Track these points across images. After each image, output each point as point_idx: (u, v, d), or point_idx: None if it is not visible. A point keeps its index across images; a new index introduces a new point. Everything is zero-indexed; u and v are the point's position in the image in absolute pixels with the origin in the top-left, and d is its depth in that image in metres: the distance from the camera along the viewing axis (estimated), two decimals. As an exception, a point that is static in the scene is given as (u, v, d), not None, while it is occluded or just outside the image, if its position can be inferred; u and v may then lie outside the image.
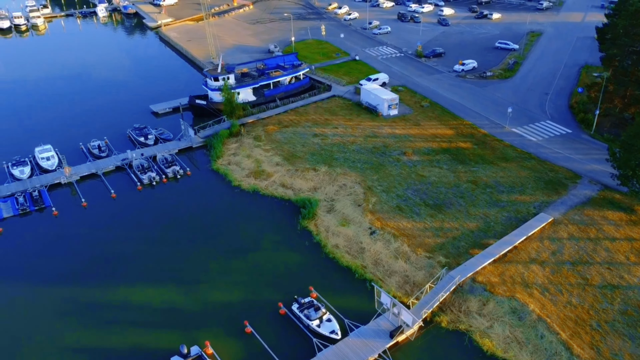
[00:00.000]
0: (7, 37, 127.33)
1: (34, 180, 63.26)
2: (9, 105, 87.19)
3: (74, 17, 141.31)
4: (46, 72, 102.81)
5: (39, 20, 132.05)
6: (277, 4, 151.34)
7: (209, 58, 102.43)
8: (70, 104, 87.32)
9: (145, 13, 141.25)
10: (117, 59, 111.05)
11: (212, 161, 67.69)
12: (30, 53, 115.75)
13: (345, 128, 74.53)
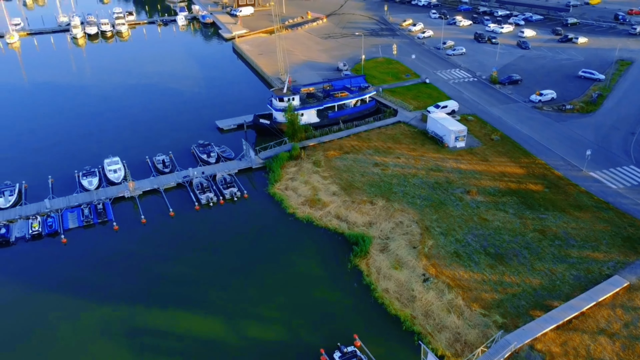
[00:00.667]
0: (94, 42, 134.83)
1: (100, 193, 65.76)
2: (86, 112, 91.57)
3: (156, 24, 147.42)
4: (123, 79, 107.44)
5: (123, 27, 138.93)
6: (350, 17, 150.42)
7: (277, 74, 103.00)
8: (142, 114, 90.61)
9: (222, 23, 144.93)
10: (190, 69, 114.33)
11: (270, 185, 67.49)
12: (111, 59, 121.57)
13: (407, 158, 72.03)
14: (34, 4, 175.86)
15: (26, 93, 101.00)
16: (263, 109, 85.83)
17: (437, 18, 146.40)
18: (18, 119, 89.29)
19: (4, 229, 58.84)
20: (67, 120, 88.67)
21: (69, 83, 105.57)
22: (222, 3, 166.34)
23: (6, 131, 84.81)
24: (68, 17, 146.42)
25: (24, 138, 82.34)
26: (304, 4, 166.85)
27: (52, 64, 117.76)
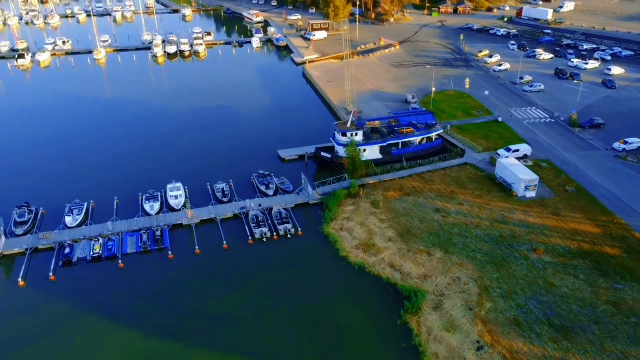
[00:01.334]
0: (172, 61, 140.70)
1: (159, 218, 67.30)
2: (157, 132, 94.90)
3: (231, 45, 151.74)
4: (195, 99, 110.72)
5: (200, 47, 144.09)
6: (424, 45, 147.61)
7: (344, 103, 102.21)
8: (208, 136, 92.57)
9: (294, 47, 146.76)
10: (258, 92, 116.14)
11: (325, 223, 66.19)
12: (186, 79, 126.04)
13: (471, 205, 68.41)
14: (122, 20, 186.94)
15: (106, 108, 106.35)
16: (326, 139, 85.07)
17: (516, 49, 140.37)
18: (96, 134, 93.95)
19: (68, 248, 61.40)
20: (139, 138, 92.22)
21: (144, 101, 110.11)
22: (297, 26, 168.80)
23: (83, 145, 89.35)
24: (151, 35, 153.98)
25: (99, 154, 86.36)
26: (378, 29, 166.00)
27: (132, 80, 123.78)
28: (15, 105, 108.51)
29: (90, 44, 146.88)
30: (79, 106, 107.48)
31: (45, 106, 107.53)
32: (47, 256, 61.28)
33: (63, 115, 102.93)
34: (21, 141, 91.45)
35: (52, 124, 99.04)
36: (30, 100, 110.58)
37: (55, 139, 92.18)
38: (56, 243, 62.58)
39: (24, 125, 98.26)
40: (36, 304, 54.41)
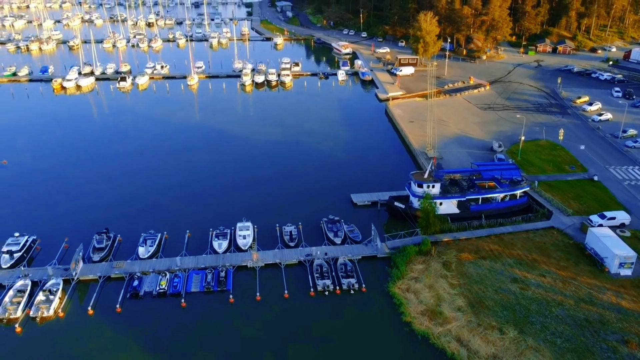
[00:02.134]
0: (260, 90, 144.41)
1: (226, 258, 67.64)
2: (234, 164, 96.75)
3: (317, 77, 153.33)
4: (274, 131, 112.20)
5: (287, 78, 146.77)
6: (517, 87, 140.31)
7: (424, 148, 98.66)
8: (282, 173, 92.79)
9: (380, 82, 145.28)
10: (337, 128, 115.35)
11: (391, 281, 63.09)
12: (270, 109, 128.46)
13: (554, 279, 62.31)
14: (218, 46, 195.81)
15: (190, 135, 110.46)
16: (403, 185, 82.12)
17: (621, 98, 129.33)
18: (178, 160, 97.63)
19: (137, 281, 63.19)
20: (218, 169, 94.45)
21: (227, 130, 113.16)
22: (385, 60, 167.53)
23: (164, 172, 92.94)
24: (242, 63, 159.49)
25: (180, 182, 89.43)
26: (469, 66, 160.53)
27: (218, 108, 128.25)
28: (109, 127, 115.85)
29: (185, 69, 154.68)
30: (165, 131, 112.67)
31: (135, 130, 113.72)
32: (117, 286, 63.38)
33: (150, 140, 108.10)
34: (109, 163, 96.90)
35: (137, 147, 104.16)
36: (122, 124, 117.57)
37: (139, 164, 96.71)
38: (127, 274, 64.70)
39: (113, 147, 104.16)
40: (101, 335, 56.09)
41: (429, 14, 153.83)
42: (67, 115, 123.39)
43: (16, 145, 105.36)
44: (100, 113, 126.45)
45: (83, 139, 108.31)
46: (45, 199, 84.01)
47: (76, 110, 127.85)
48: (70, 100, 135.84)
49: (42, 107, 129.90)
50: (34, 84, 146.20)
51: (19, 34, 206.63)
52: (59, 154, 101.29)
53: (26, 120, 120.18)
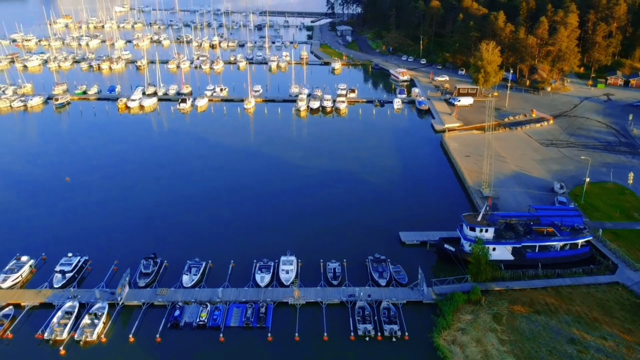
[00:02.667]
0: (314, 116, 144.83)
1: (267, 293, 66.85)
2: (281, 192, 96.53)
3: (373, 104, 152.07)
4: (324, 160, 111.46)
5: (342, 105, 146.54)
6: (583, 122, 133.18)
7: (479, 185, 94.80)
8: (329, 204, 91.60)
9: (437, 112, 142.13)
10: (390, 159, 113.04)
11: (436, 331, 59.98)
12: (322, 135, 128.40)
13: (617, 343, 57.17)
14: (277, 70, 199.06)
15: (241, 160, 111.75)
16: (454, 224, 78.85)
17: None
18: (228, 185, 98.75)
19: (178, 310, 63.45)
20: (266, 196, 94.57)
21: (278, 156, 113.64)
22: (443, 89, 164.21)
23: (215, 196, 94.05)
24: (299, 88, 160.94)
25: (228, 208, 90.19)
26: (531, 98, 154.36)
27: (272, 133, 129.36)
28: (166, 149, 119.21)
29: (243, 92, 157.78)
30: (218, 155, 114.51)
31: (190, 153, 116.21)
32: (159, 313, 63.92)
33: (203, 164, 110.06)
34: (163, 185, 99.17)
35: (192, 171, 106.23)
36: (179, 146, 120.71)
37: (192, 187, 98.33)
38: (169, 302, 65.15)
39: (168, 169, 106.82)
40: (139, 365, 56.53)
41: (491, 43, 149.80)
42: (128, 135, 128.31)
43: (80, 163, 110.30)
44: (159, 133, 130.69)
45: (141, 160, 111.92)
46: (100, 219, 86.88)
47: (137, 129, 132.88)
48: (132, 119, 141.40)
49: (107, 125, 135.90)
50: (101, 102, 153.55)
51: (93, 53, 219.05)
52: (118, 173, 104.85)
53: (91, 138, 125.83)
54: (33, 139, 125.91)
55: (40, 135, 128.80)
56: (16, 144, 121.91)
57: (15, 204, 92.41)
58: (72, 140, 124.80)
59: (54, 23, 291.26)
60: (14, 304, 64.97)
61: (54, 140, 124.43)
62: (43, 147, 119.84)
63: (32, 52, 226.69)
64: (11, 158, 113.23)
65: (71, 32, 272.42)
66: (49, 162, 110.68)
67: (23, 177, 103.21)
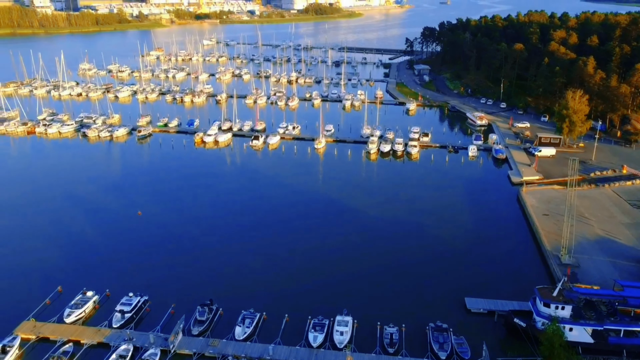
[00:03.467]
0: (384, 159, 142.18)
1: (319, 355, 64.13)
2: (343, 244, 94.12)
3: (446, 150, 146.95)
4: (390, 209, 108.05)
5: (413, 149, 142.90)
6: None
7: (557, 250, 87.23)
8: (390, 260, 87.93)
9: (515, 162, 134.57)
10: (460, 212, 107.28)
11: (499, 421, 54.37)
12: (390, 182, 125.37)
13: None
14: (351, 108, 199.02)
15: (304, 204, 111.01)
16: (527, 294, 72.56)
17: None
18: (289, 230, 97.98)
19: (230, 365, 62.34)
20: (327, 247, 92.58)
21: (344, 203, 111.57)
22: (523, 136, 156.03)
23: (277, 243, 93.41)
24: (370, 129, 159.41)
25: (288, 256, 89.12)
26: (622, 152, 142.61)
27: (340, 176, 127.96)
28: (234, 186, 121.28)
29: (315, 131, 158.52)
30: (284, 197, 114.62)
31: (256, 193, 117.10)
32: (209, 366, 63.11)
33: (269, 205, 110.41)
34: (228, 228, 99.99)
35: (255, 211, 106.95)
36: (248, 184, 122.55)
37: (257, 232, 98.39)
38: (220, 355, 64.15)
39: (232, 209, 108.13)
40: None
41: (579, 91, 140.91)
42: (201, 170, 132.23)
43: (153, 195, 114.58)
44: (230, 170, 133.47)
45: (211, 197, 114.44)
46: (164, 256, 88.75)
47: (211, 164, 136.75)
48: (207, 154, 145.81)
49: (183, 159, 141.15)
50: (180, 135, 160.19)
51: (178, 85, 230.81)
52: (187, 209, 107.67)
53: (167, 171, 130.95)
54: (114, 169, 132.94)
55: (121, 166, 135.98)
56: (97, 173, 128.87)
57: (87, 234, 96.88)
58: (149, 171, 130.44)
59: (147, 55, 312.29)
60: (74, 341, 66.79)
61: (132, 172, 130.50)
62: (121, 178, 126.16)
63: (124, 82, 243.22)
64: (91, 187, 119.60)
65: (161, 64, 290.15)
66: (125, 194, 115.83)
67: (99, 207, 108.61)
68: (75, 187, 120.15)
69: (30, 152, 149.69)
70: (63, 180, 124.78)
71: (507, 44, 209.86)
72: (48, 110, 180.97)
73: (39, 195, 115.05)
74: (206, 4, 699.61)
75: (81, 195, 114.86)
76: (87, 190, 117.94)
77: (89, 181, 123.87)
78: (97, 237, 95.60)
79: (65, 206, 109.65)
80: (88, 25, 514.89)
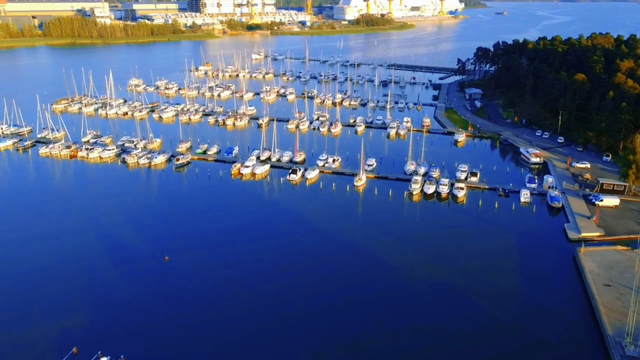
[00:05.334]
0: (428, 201, 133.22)
1: None
2: (375, 310, 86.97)
3: (497, 193, 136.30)
4: (427, 263, 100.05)
5: (460, 192, 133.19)
6: None
7: (622, 336, 76.41)
8: (422, 329, 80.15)
9: (572, 213, 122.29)
10: (504, 274, 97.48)
11: None
12: (432, 231, 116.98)
13: None
14: (395, 137, 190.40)
15: (345, 256, 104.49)
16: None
17: None
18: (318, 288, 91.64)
19: None
20: (354, 304, 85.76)
21: (379, 256, 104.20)
22: (582, 179, 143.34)
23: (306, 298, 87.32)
24: (415, 165, 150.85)
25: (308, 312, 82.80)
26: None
27: (380, 221, 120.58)
28: (268, 226, 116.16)
29: (356, 165, 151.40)
30: (318, 244, 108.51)
31: (289, 238, 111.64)
32: None
33: (298, 252, 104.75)
34: (256, 286, 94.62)
35: (283, 256, 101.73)
36: (282, 225, 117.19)
37: (281, 280, 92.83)
38: None
39: (259, 255, 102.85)
40: None
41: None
42: (235, 207, 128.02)
43: (183, 237, 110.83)
44: (265, 207, 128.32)
45: (240, 243, 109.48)
46: (189, 318, 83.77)
47: (245, 201, 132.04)
48: (243, 187, 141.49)
49: (218, 191, 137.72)
50: (218, 164, 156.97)
51: (221, 106, 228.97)
52: (218, 256, 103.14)
53: (200, 206, 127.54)
54: (147, 202, 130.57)
55: (155, 199, 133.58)
56: (129, 206, 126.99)
57: (109, 283, 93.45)
58: (181, 207, 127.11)
59: (195, 71, 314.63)
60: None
61: (165, 207, 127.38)
62: (152, 213, 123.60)
63: (170, 100, 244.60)
64: (120, 221, 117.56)
65: (208, 81, 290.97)
66: (155, 231, 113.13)
67: (125, 246, 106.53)
68: (105, 219, 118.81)
69: (70, 177, 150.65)
70: (93, 211, 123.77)
71: (568, 72, 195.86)
72: (92, 132, 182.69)
73: (66, 225, 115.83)
74: (258, 14, 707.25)
75: (109, 231, 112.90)
76: (116, 225, 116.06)
77: (120, 213, 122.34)
78: (119, 287, 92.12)
79: (89, 242, 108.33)
80: (143, 36, 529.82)
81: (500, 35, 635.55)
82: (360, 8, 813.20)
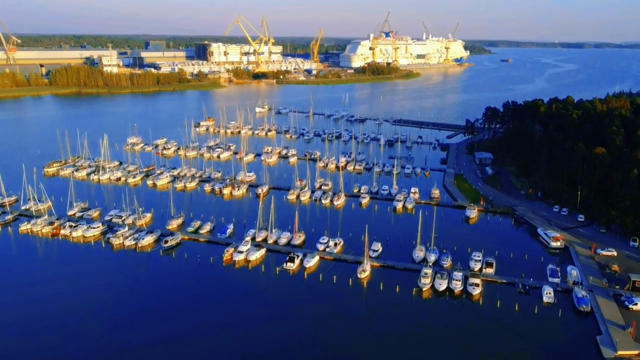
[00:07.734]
0: (440, 298, 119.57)
1: None
2: None
3: (516, 288, 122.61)
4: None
5: (475, 289, 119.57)
6: None
7: None
8: None
9: (604, 320, 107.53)
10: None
11: None
12: (443, 337, 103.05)
13: None
14: (402, 210, 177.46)
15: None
16: None
17: None
18: None
19: None
20: None
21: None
22: (610, 271, 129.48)
23: None
24: (424, 252, 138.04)
25: None
26: None
27: (384, 324, 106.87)
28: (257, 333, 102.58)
29: (359, 249, 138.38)
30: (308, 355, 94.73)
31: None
32: None
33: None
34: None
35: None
36: (263, 334, 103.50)
37: None
38: None
39: None
40: None
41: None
42: (223, 304, 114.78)
43: (161, 339, 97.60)
44: (255, 305, 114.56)
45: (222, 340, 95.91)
46: None
47: (233, 296, 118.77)
48: (234, 276, 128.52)
49: (205, 283, 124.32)
50: (210, 247, 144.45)
51: (220, 170, 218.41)
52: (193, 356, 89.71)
53: (181, 301, 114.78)
54: (125, 297, 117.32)
55: (135, 291, 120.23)
56: (104, 300, 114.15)
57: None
58: (164, 301, 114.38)
59: (197, 127, 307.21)
60: None
61: (144, 303, 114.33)
62: (128, 311, 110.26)
63: (167, 162, 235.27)
64: (90, 321, 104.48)
65: (209, 139, 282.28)
66: (128, 334, 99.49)
67: None
68: (73, 312, 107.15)
69: (48, 260, 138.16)
70: (63, 303, 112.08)
71: (585, 144, 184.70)
72: (80, 204, 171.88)
73: (28, 317, 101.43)
74: (264, 62, 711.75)
75: (73, 329, 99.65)
76: (81, 321, 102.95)
77: (92, 307, 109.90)
78: None
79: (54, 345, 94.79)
80: (149, 85, 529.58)
81: (507, 85, 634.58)
82: (366, 56, 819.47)
